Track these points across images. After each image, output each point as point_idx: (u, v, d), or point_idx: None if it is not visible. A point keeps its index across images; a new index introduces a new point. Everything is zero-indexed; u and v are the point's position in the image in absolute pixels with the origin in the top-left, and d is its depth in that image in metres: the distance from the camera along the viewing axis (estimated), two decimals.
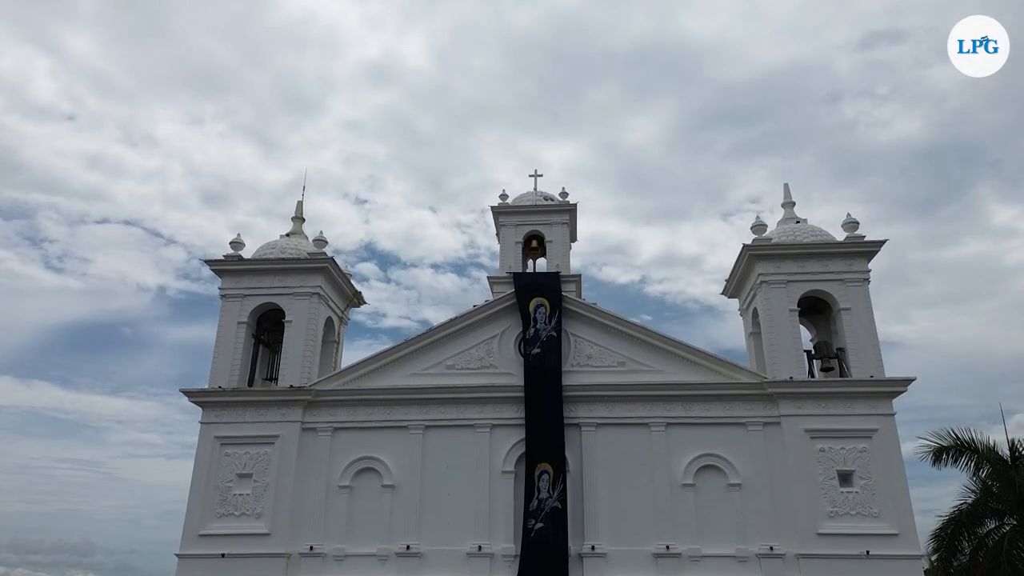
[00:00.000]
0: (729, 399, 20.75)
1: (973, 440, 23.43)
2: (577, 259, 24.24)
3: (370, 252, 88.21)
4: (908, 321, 77.03)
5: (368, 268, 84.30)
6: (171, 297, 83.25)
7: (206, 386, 21.90)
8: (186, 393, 21.71)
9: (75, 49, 74.57)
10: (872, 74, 76.95)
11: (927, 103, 76.05)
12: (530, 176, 25.35)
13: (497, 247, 25.01)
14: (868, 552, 18.64)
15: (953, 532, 22.46)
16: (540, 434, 20.28)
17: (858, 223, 22.10)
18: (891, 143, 77.63)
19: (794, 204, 24.09)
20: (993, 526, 22.23)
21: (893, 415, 20.17)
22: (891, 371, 20.60)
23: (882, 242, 21.68)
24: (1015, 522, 21.78)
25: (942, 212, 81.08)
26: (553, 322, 21.48)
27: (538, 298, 21.80)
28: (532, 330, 21.43)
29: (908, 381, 20.24)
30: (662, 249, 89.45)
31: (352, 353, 24.98)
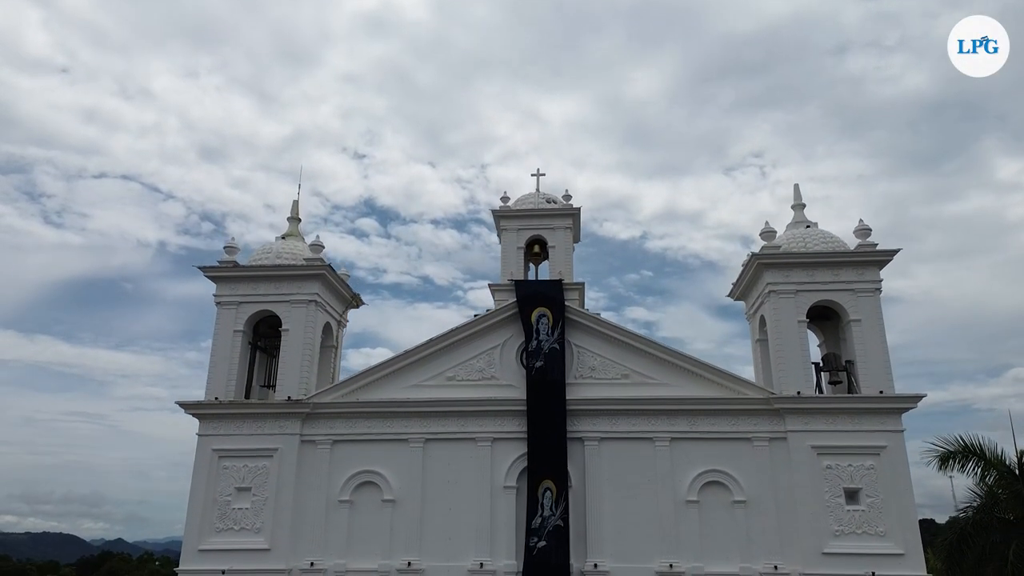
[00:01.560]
0: (735, 414, 20.38)
1: (981, 446, 23.14)
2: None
3: (369, 208, 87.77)
4: (909, 276, 76.75)
5: (368, 224, 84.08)
6: (172, 253, 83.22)
7: (203, 397, 21.56)
8: (182, 405, 21.37)
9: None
10: (879, 25, 75.17)
11: (934, 55, 74.50)
12: (532, 175, 24.58)
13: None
14: (874, 573, 18.45)
15: (958, 541, 22.25)
16: (543, 451, 19.98)
17: (870, 230, 21.42)
18: (897, 96, 76.97)
19: (804, 206, 23.39)
20: (999, 537, 21.99)
21: (902, 431, 19.82)
22: (891, 324, 20.14)
23: (895, 251, 21.05)
24: (1020, 535, 21.54)
25: (946, 166, 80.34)
26: (556, 333, 21.00)
27: (540, 308, 21.28)
28: (535, 342, 20.96)
29: (918, 398, 19.83)
30: (663, 205, 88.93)
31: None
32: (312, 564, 19.94)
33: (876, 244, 21.20)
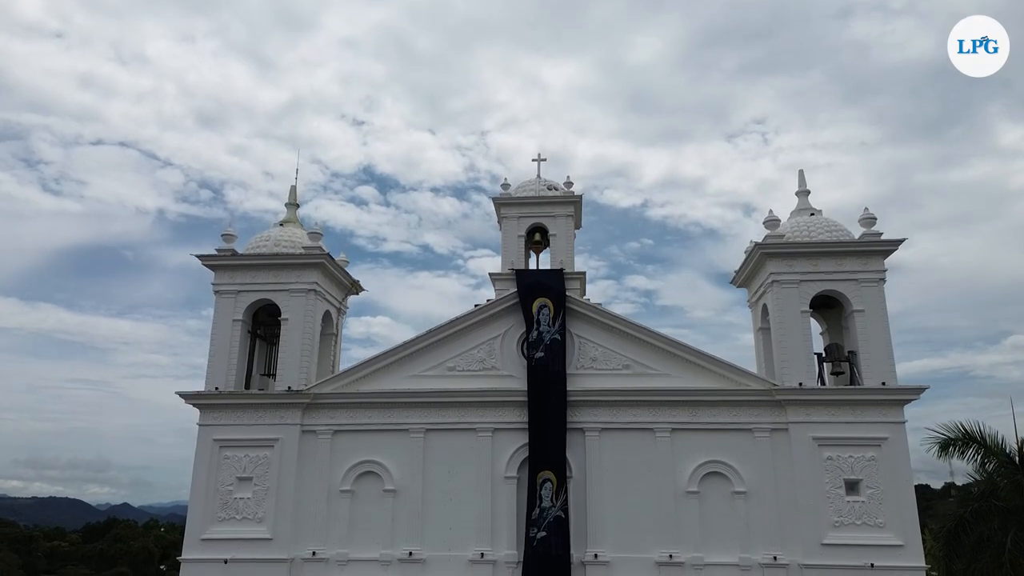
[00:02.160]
0: (736, 405, 20.32)
1: (981, 434, 23.17)
2: (579, 183, 23.28)
3: (369, 175, 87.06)
4: (909, 244, 76.33)
5: (367, 191, 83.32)
6: (171, 220, 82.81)
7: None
8: (182, 396, 21.31)
9: None
10: None
11: (940, 18, 73.26)
12: (533, 160, 24.20)
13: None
14: (872, 564, 18.56)
15: (956, 528, 22.39)
16: (543, 443, 19.97)
17: (875, 218, 21.15)
18: (902, 61, 75.54)
19: (808, 192, 23.09)
20: (998, 524, 22.10)
21: (904, 423, 19.79)
22: (891, 292, 20.36)
23: (900, 240, 20.80)
24: (1019, 523, 21.65)
25: (950, 133, 79.79)
26: (557, 324, 20.85)
27: (541, 299, 21.10)
28: (535, 332, 20.83)
29: (920, 389, 19.79)
30: (665, 172, 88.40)
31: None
32: (314, 553, 20.07)
33: (881, 233, 20.94)
